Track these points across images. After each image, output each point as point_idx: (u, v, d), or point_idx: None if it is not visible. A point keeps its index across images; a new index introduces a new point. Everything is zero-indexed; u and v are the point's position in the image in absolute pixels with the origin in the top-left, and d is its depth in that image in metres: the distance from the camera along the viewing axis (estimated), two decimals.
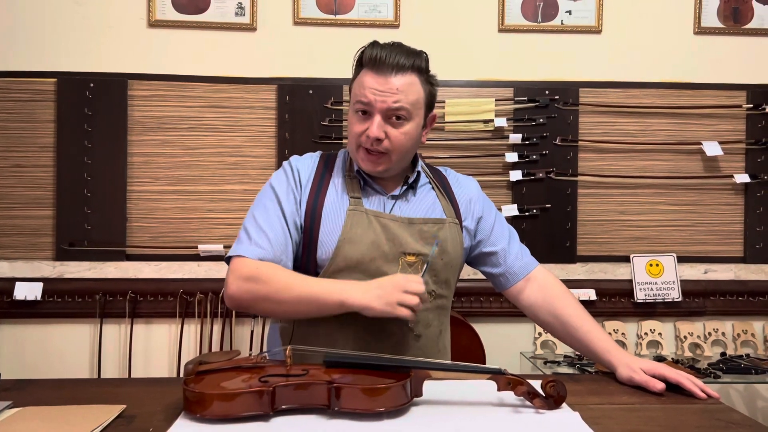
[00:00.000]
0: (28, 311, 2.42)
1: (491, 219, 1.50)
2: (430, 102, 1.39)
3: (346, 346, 1.29)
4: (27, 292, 2.40)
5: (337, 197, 1.37)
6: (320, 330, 1.32)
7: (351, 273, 1.31)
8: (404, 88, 1.31)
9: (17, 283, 2.40)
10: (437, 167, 1.56)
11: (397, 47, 1.34)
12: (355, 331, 1.31)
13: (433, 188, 1.46)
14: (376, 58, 1.31)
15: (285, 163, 1.43)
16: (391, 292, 1.17)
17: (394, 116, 1.31)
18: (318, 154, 1.47)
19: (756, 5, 2.62)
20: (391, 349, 1.31)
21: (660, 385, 1.20)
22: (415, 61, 1.33)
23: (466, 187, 1.52)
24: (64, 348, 2.46)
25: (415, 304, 1.17)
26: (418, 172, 1.44)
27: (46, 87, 2.46)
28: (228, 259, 1.32)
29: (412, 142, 1.36)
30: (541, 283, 1.46)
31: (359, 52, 1.37)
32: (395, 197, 1.40)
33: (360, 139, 1.33)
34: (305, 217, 1.35)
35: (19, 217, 2.46)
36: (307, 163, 1.43)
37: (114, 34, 2.50)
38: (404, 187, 1.42)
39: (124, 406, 1.05)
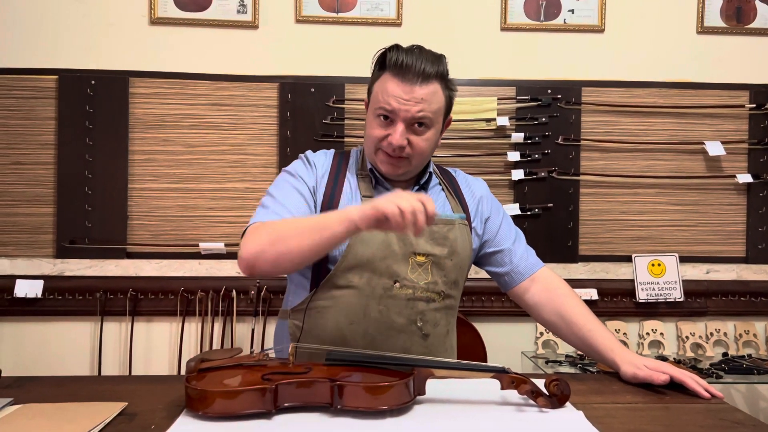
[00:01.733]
0: (28, 309, 2.42)
1: (498, 219, 1.51)
2: (449, 106, 1.40)
3: (355, 343, 1.30)
4: (27, 289, 2.39)
5: (350, 196, 1.39)
6: (329, 326, 1.33)
7: (362, 271, 1.32)
8: (428, 97, 1.30)
9: (18, 281, 2.40)
10: (447, 168, 1.57)
11: (420, 53, 1.32)
12: (365, 329, 1.31)
13: (443, 189, 1.48)
14: (402, 64, 1.29)
15: (301, 155, 1.45)
16: (383, 198, 1.10)
17: (417, 123, 1.31)
18: (332, 151, 1.49)
19: (759, 5, 2.61)
20: (400, 347, 1.32)
21: (664, 376, 1.20)
22: (438, 68, 1.32)
23: (475, 188, 1.53)
24: (65, 346, 2.46)
25: (410, 205, 1.06)
26: (430, 173, 1.45)
27: (47, 84, 2.46)
28: (243, 234, 1.29)
29: (432, 148, 1.38)
30: (546, 283, 1.46)
31: (380, 53, 1.36)
32: None
33: (381, 144, 1.34)
34: (321, 209, 1.36)
35: (19, 214, 2.45)
36: (322, 159, 1.45)
37: (115, 31, 2.49)
38: (416, 188, 1.43)
39: (126, 403, 1.04)
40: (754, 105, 2.58)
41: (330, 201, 1.37)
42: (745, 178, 2.57)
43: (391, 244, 1.32)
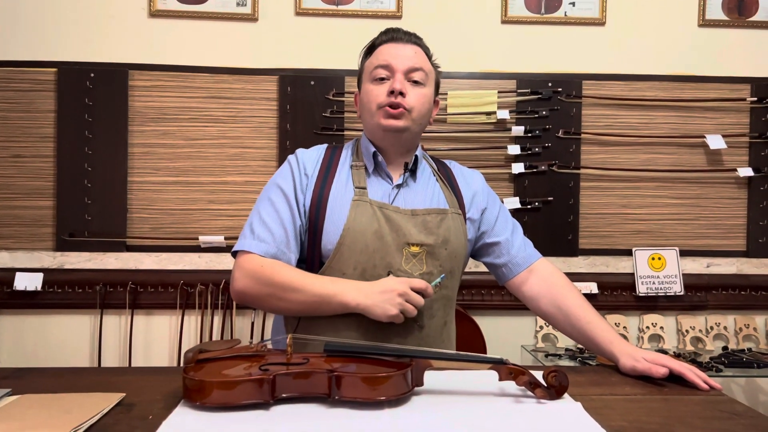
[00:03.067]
0: (28, 302, 2.42)
1: (495, 210, 1.51)
2: (437, 84, 1.49)
3: (349, 335, 1.29)
4: (27, 282, 2.39)
5: (342, 188, 1.39)
6: (324, 319, 1.33)
7: (355, 263, 1.32)
8: (420, 55, 1.42)
9: (17, 274, 2.40)
10: (443, 160, 1.58)
11: (406, 30, 1.47)
12: (359, 320, 1.31)
13: (437, 180, 1.48)
14: (392, 35, 1.43)
15: (291, 156, 1.46)
16: (392, 298, 1.23)
17: (413, 80, 1.39)
18: (324, 146, 1.50)
19: None
20: (395, 338, 1.32)
21: (663, 370, 1.20)
22: (422, 42, 1.46)
23: (471, 179, 1.54)
24: (65, 339, 2.46)
25: (416, 305, 1.25)
26: (416, 156, 1.46)
27: (47, 77, 2.45)
28: (234, 253, 1.36)
29: (428, 107, 1.44)
30: (544, 275, 1.46)
31: (368, 43, 1.48)
32: (399, 186, 1.41)
33: (380, 100, 1.38)
34: (310, 207, 1.37)
35: (19, 207, 2.45)
36: (312, 155, 1.46)
37: (115, 23, 2.48)
38: (406, 174, 1.43)
39: (124, 394, 1.04)
40: (755, 98, 2.57)
41: (320, 196, 1.37)
42: (746, 171, 2.56)
43: (384, 236, 1.32)
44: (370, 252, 1.31)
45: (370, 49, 1.46)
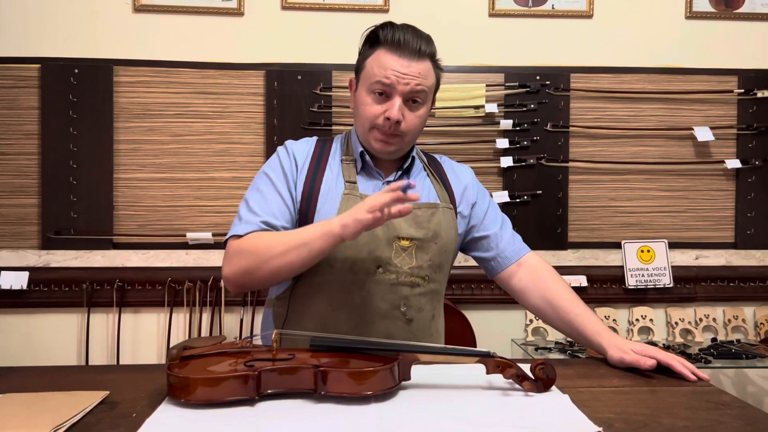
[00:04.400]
0: (13, 301, 2.39)
1: (485, 205, 1.51)
2: (437, 88, 1.43)
3: (337, 329, 1.29)
4: (12, 281, 2.37)
5: (332, 181, 1.38)
6: (313, 313, 1.33)
7: (344, 257, 1.31)
8: (425, 72, 1.33)
9: (2, 273, 2.37)
10: (433, 155, 1.57)
11: (414, 31, 1.34)
12: (347, 314, 1.30)
13: (428, 175, 1.48)
14: (398, 40, 1.31)
15: (280, 147, 1.44)
16: (360, 208, 1.16)
17: (412, 99, 1.33)
18: (314, 139, 1.48)
19: None
20: (383, 332, 1.31)
21: (650, 362, 1.20)
22: (430, 48, 1.35)
23: (461, 174, 1.53)
24: (51, 338, 2.44)
25: (384, 201, 1.13)
26: (413, 158, 1.45)
27: (30, 73, 2.42)
28: (225, 245, 1.34)
29: (423, 125, 1.40)
30: (532, 268, 1.46)
31: (369, 30, 1.37)
32: (390, 182, 1.40)
33: (376, 121, 1.33)
34: (301, 200, 1.36)
35: (3, 205, 2.42)
36: (303, 147, 1.44)
37: (99, 19, 2.45)
38: (399, 173, 1.43)
39: (107, 392, 1.03)
40: (742, 90, 2.58)
41: (311, 188, 1.36)
42: (733, 163, 2.57)
43: (374, 229, 1.31)
44: (360, 245, 1.31)
45: (374, 42, 1.35)
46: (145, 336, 2.47)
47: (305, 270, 1.28)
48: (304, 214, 1.34)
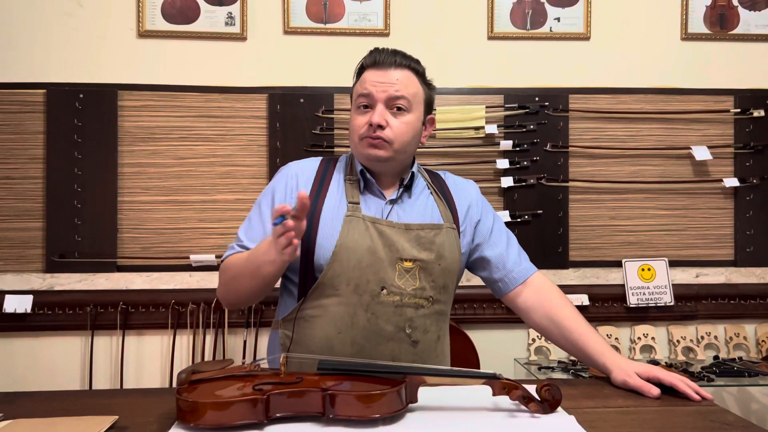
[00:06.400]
0: (18, 324, 2.40)
1: (489, 222, 1.52)
2: (429, 103, 1.46)
3: (343, 352, 1.29)
4: (17, 304, 2.37)
5: (335, 202, 1.39)
6: (318, 335, 1.33)
7: (348, 279, 1.32)
8: (403, 80, 1.39)
9: (7, 296, 2.38)
10: (436, 171, 1.58)
11: (394, 50, 1.43)
12: (353, 337, 1.31)
13: (431, 193, 1.48)
14: (376, 58, 1.41)
15: (281, 169, 1.46)
16: (273, 244, 1.18)
17: (395, 107, 1.37)
18: (318, 159, 1.51)
19: (742, 11, 2.65)
20: (389, 354, 1.32)
21: (655, 391, 1.20)
22: (411, 62, 1.43)
23: (465, 190, 1.54)
24: (55, 361, 2.44)
25: (285, 241, 1.15)
26: (413, 173, 1.46)
27: (36, 98, 2.45)
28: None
29: (413, 134, 1.41)
30: (538, 288, 1.47)
31: (359, 63, 1.46)
32: (393, 201, 1.41)
33: (361, 131, 1.38)
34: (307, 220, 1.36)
35: (8, 229, 2.44)
36: (306, 166, 1.47)
37: (103, 44, 2.49)
38: (400, 190, 1.43)
39: (117, 417, 1.04)
40: (738, 110, 2.61)
41: (313, 209, 1.38)
42: (731, 182, 2.59)
43: (377, 251, 1.32)
44: (363, 267, 1.32)
45: (360, 71, 1.45)
46: (149, 358, 2.47)
47: (266, 294, 1.35)
48: (307, 237, 1.34)
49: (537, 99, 2.57)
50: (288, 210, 1.12)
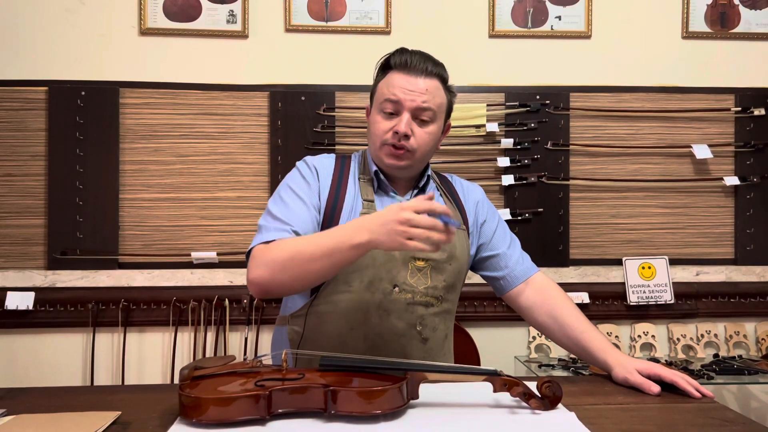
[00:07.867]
0: (19, 321, 2.40)
1: (494, 224, 1.53)
2: (449, 110, 1.45)
3: (356, 347, 1.30)
4: (18, 301, 2.38)
5: (352, 200, 1.40)
6: (330, 332, 1.34)
7: (362, 275, 1.33)
8: (432, 90, 1.37)
9: (9, 293, 2.39)
10: (444, 174, 1.60)
11: (424, 55, 1.40)
12: (365, 333, 1.32)
13: (441, 195, 1.50)
14: (407, 62, 1.37)
15: (300, 162, 1.45)
16: (394, 228, 1.09)
17: (421, 117, 1.36)
18: (333, 155, 1.50)
19: (743, 10, 2.65)
20: (399, 352, 1.33)
21: (656, 388, 1.21)
22: (440, 70, 1.40)
23: (472, 193, 1.56)
24: (57, 358, 2.45)
25: (424, 226, 1.08)
26: (428, 176, 1.47)
27: (38, 96, 2.45)
28: (248, 255, 1.30)
29: (434, 144, 1.41)
30: (540, 286, 1.48)
31: (384, 57, 1.42)
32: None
33: (385, 137, 1.36)
34: (324, 215, 1.37)
35: (10, 226, 2.44)
36: (324, 162, 1.46)
37: (105, 42, 2.49)
38: (414, 191, 1.45)
39: (119, 412, 1.04)
40: (739, 108, 2.61)
41: (334, 205, 1.38)
42: (732, 180, 2.60)
43: None
44: (378, 265, 1.33)
45: (385, 67, 1.41)
46: (150, 355, 2.48)
47: (330, 278, 1.28)
48: (326, 228, 1.32)
49: (538, 97, 2.57)
50: (449, 213, 1.10)
